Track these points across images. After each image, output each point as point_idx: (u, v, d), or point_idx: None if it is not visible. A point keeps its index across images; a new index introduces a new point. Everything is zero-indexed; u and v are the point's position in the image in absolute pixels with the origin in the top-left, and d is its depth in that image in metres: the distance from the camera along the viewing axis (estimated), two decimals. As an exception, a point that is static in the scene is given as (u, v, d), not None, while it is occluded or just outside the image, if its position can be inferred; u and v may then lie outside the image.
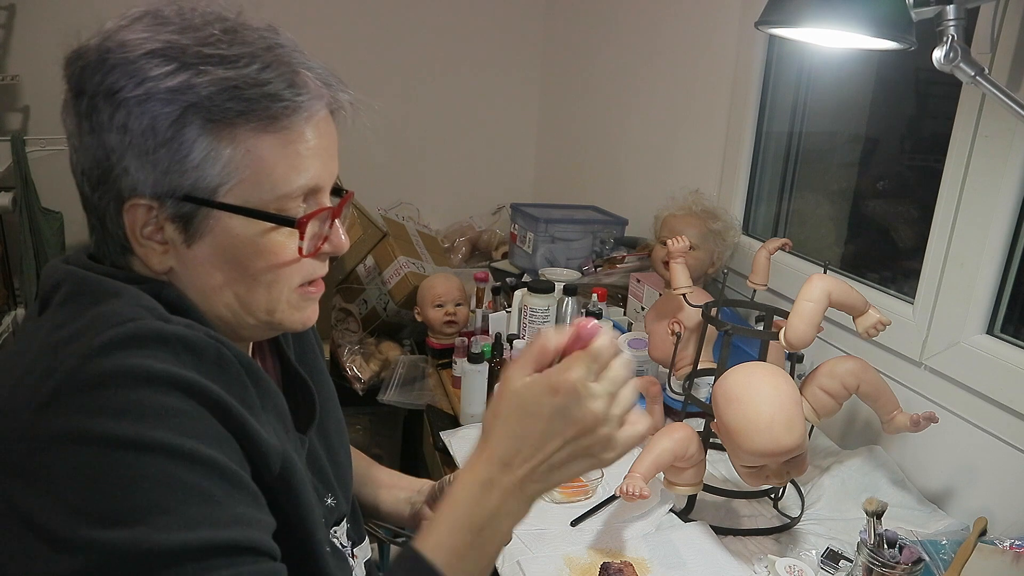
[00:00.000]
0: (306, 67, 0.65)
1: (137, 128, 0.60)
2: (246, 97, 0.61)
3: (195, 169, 0.62)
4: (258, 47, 0.63)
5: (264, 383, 0.66)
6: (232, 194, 0.63)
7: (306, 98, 0.64)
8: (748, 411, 1.02)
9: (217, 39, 0.62)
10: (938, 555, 1.01)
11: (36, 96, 2.27)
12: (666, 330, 1.31)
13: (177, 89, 0.60)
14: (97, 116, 0.61)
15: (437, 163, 2.79)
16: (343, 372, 1.99)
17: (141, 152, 0.61)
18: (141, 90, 0.60)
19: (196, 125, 0.61)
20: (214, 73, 0.60)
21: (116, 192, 0.63)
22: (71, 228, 2.17)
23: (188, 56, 0.61)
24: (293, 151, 0.64)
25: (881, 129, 1.65)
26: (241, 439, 0.60)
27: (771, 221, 1.85)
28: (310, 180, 0.66)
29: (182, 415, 0.56)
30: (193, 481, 0.55)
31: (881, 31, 0.91)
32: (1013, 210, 1.15)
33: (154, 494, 0.54)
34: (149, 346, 0.57)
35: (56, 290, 0.65)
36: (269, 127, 0.62)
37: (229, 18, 0.64)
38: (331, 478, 0.81)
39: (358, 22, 2.54)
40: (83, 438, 0.54)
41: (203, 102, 0.60)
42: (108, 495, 0.53)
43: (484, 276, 1.93)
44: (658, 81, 2.15)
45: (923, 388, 1.28)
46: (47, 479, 0.54)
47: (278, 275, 0.67)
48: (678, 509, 1.21)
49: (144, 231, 0.64)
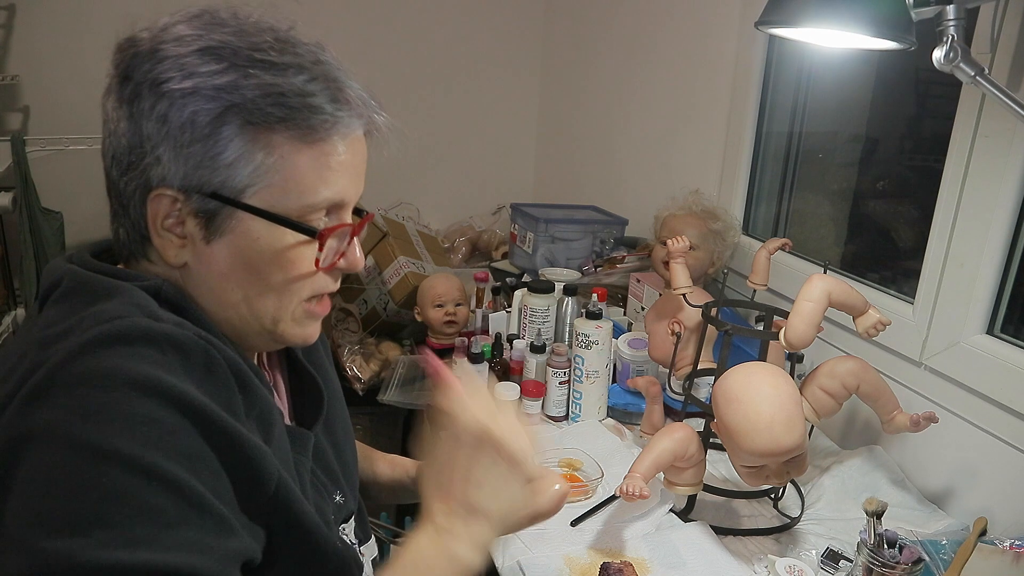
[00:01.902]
0: (349, 85, 0.67)
1: (176, 120, 0.61)
2: (289, 105, 0.62)
3: (227, 168, 0.62)
4: (306, 60, 0.64)
5: (252, 388, 0.65)
6: (258, 197, 0.64)
7: (346, 114, 0.65)
8: (748, 411, 1.02)
9: (269, 46, 0.63)
10: (938, 555, 1.01)
11: (36, 96, 2.27)
12: (666, 330, 1.31)
13: (223, 88, 0.61)
14: (139, 103, 0.62)
15: (437, 163, 2.79)
16: (343, 372, 1.99)
17: (177, 144, 0.62)
18: (188, 84, 0.61)
19: (234, 125, 0.61)
20: (261, 78, 0.62)
21: (145, 180, 0.63)
22: (71, 228, 2.17)
23: (239, 58, 0.62)
24: (324, 163, 0.65)
25: (881, 129, 1.65)
26: (224, 451, 0.58)
27: (771, 221, 1.85)
28: (336, 194, 0.67)
29: (153, 425, 0.54)
30: (146, 498, 0.53)
31: (881, 31, 0.91)
32: (1013, 210, 1.15)
33: (103, 506, 0.52)
34: (135, 344, 0.56)
35: (56, 288, 0.65)
36: (306, 137, 0.64)
37: (281, 29, 0.66)
38: (338, 475, 0.81)
39: (358, 22, 2.54)
40: (53, 437, 0.53)
41: (246, 104, 0.61)
42: (59, 500, 0.52)
43: (484, 276, 1.93)
44: (658, 81, 2.15)
45: (923, 388, 1.28)
46: (12, 475, 0.53)
47: (290, 284, 0.68)
48: (678, 509, 1.21)
49: (165, 222, 0.64)
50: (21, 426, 0.54)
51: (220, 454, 0.58)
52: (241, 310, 0.68)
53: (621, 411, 1.52)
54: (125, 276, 0.65)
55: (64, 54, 2.24)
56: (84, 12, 2.22)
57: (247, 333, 0.69)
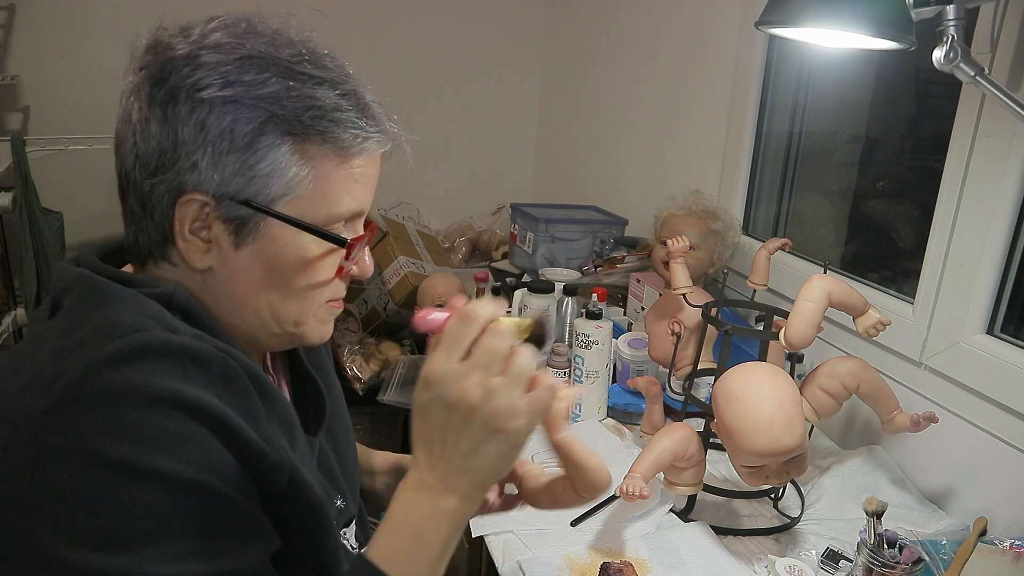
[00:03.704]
0: (372, 101, 0.68)
1: (216, 127, 0.61)
2: (328, 119, 0.63)
3: (263, 177, 0.63)
4: (337, 74, 0.66)
5: (271, 393, 0.66)
6: (289, 206, 0.64)
7: (375, 130, 0.67)
8: (748, 411, 1.02)
9: (304, 59, 0.64)
10: (938, 555, 1.01)
11: (36, 96, 2.27)
12: (666, 330, 1.31)
13: (265, 98, 0.61)
14: (174, 107, 0.62)
15: (437, 163, 2.79)
16: (343, 372, 1.99)
17: (215, 151, 0.62)
18: (229, 92, 0.61)
19: (274, 135, 0.62)
20: (302, 90, 0.63)
21: (177, 184, 0.63)
22: (71, 228, 2.17)
23: (279, 69, 0.62)
24: (350, 176, 0.66)
25: (881, 129, 1.65)
26: (245, 457, 0.60)
27: (771, 221, 1.85)
28: (357, 206, 0.68)
29: (183, 440, 0.56)
30: (186, 512, 0.56)
31: (881, 31, 0.91)
32: (1013, 210, 1.15)
33: (148, 522, 0.54)
34: (156, 359, 0.57)
35: (67, 293, 0.64)
36: (341, 152, 0.65)
37: (307, 42, 0.66)
38: (340, 480, 0.81)
39: (358, 22, 2.54)
40: (83, 456, 0.53)
41: (287, 115, 0.62)
42: (102, 518, 0.53)
43: (484, 276, 1.93)
44: (658, 81, 2.15)
45: (923, 388, 1.28)
46: (44, 491, 0.53)
47: (312, 290, 0.69)
48: (678, 509, 1.21)
49: (192, 226, 0.64)
50: (46, 441, 0.54)
51: (240, 460, 0.60)
52: (263, 314, 0.68)
53: (621, 411, 1.52)
54: (137, 283, 0.64)
55: (64, 54, 2.24)
56: (84, 12, 2.22)
57: (264, 335, 0.70)
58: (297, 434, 0.70)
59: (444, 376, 0.61)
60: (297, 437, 0.70)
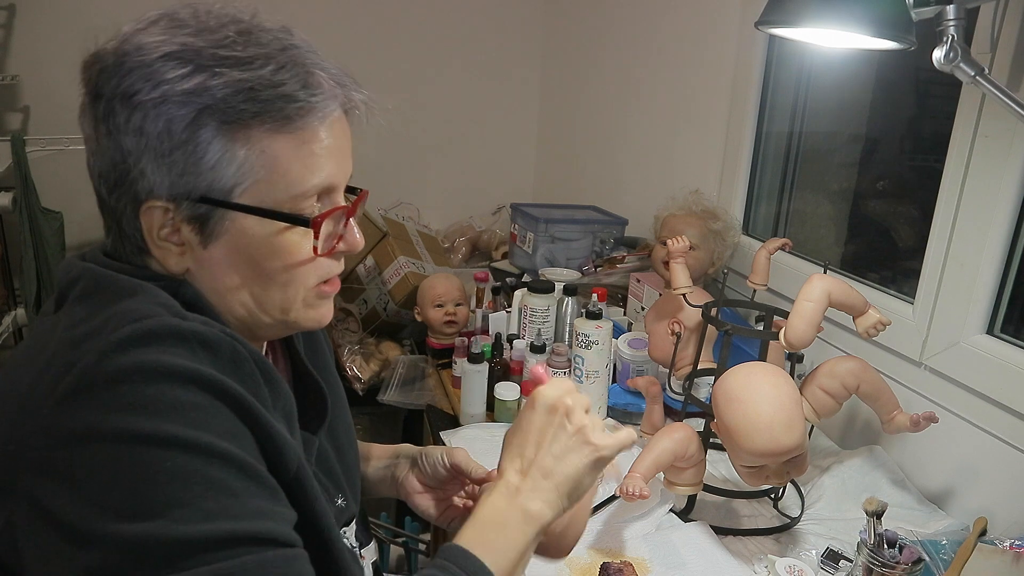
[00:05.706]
0: (320, 67, 0.66)
1: (153, 131, 0.61)
2: (261, 98, 0.62)
3: (210, 170, 0.62)
4: (272, 48, 0.64)
5: (276, 382, 0.67)
6: (247, 195, 0.64)
7: (320, 98, 0.64)
8: (748, 411, 1.02)
9: (232, 41, 0.62)
10: (938, 555, 1.01)
11: (36, 96, 2.27)
12: (666, 330, 1.31)
13: (192, 91, 0.60)
14: (114, 119, 0.62)
15: (437, 163, 2.79)
16: (343, 372, 1.99)
17: (157, 154, 0.61)
18: (157, 93, 0.60)
19: (211, 127, 0.61)
20: (229, 75, 0.61)
21: (133, 194, 0.63)
22: (71, 228, 2.18)
23: (203, 58, 0.61)
24: (308, 151, 0.65)
25: (881, 129, 1.65)
26: (257, 434, 0.61)
27: (771, 221, 1.85)
28: (324, 180, 0.66)
29: (199, 409, 0.57)
30: (210, 475, 0.56)
31: (881, 31, 0.91)
32: (1013, 210, 1.15)
33: (172, 488, 0.54)
34: (166, 342, 0.57)
35: (73, 286, 0.65)
36: (284, 128, 0.63)
37: (244, 20, 0.65)
38: (341, 479, 0.81)
39: (358, 22, 2.54)
40: (102, 434, 0.54)
41: (218, 104, 0.61)
42: (127, 490, 0.54)
43: (484, 276, 1.93)
44: (658, 81, 2.15)
45: (923, 388, 1.28)
46: (67, 475, 0.54)
47: (293, 275, 0.68)
48: (678, 509, 1.21)
49: (161, 233, 0.64)
50: (65, 427, 0.55)
51: (255, 436, 0.61)
52: (249, 306, 0.68)
53: (621, 411, 1.52)
54: (143, 275, 0.65)
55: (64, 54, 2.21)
56: (84, 12, 2.22)
57: (258, 326, 0.70)
58: (295, 429, 0.71)
59: (550, 392, 0.74)
60: (295, 432, 0.70)
